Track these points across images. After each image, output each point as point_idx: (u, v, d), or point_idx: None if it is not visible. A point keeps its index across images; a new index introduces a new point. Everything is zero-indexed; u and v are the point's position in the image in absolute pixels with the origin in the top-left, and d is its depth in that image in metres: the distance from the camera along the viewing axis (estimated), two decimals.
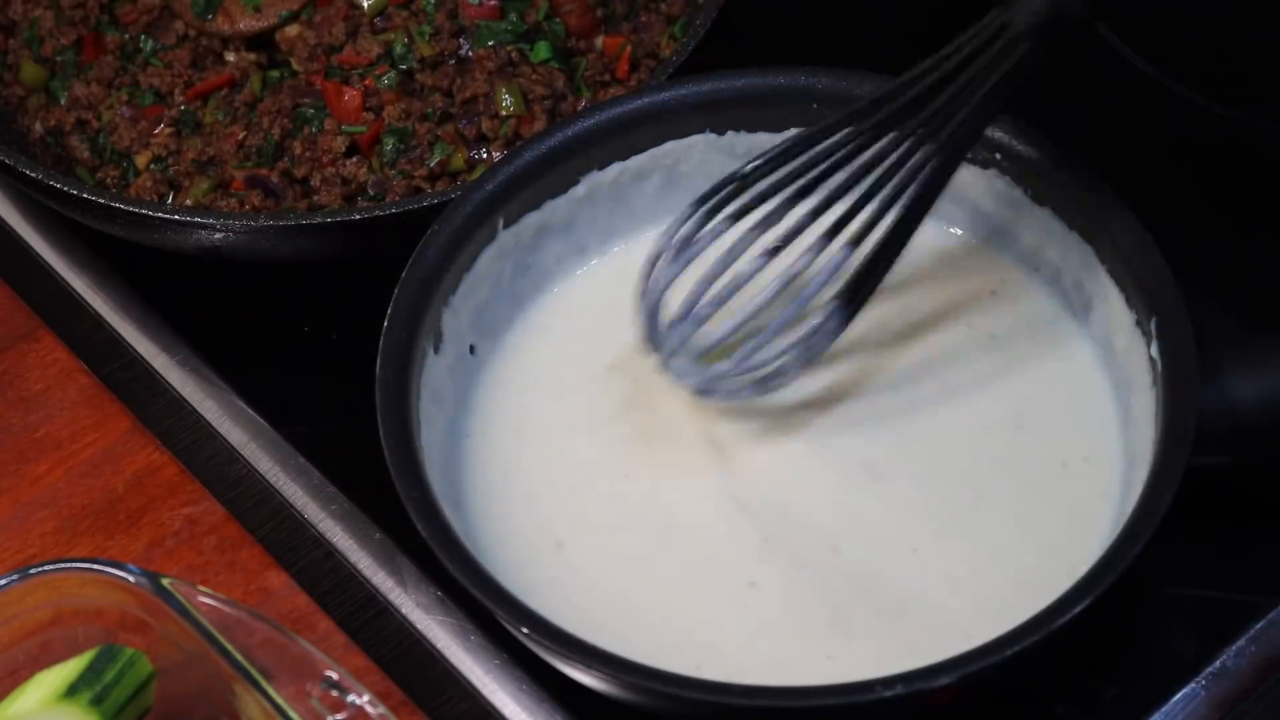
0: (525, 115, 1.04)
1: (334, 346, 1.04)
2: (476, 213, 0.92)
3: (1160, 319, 0.85)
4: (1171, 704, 0.86)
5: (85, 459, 0.99)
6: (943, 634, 0.82)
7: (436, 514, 0.83)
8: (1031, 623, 0.78)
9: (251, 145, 1.05)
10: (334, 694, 0.79)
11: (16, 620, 0.82)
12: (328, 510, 0.95)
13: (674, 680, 0.78)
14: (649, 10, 1.11)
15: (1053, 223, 0.92)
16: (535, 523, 0.88)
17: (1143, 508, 0.80)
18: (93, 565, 0.82)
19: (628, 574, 0.86)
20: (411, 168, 1.03)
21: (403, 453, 0.85)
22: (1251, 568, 0.92)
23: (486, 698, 0.89)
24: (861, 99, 0.86)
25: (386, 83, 1.05)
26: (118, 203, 0.99)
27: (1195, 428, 0.81)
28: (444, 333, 0.91)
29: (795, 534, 0.86)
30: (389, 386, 0.86)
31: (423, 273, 0.90)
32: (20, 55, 1.12)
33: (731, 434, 0.89)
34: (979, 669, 0.77)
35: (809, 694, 0.78)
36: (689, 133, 0.96)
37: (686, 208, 0.86)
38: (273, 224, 0.97)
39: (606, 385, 0.92)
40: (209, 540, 0.95)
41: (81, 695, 0.80)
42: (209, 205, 1.04)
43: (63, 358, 1.04)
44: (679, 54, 1.02)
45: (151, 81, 1.09)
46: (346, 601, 0.93)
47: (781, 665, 0.82)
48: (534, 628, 0.80)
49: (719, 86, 0.96)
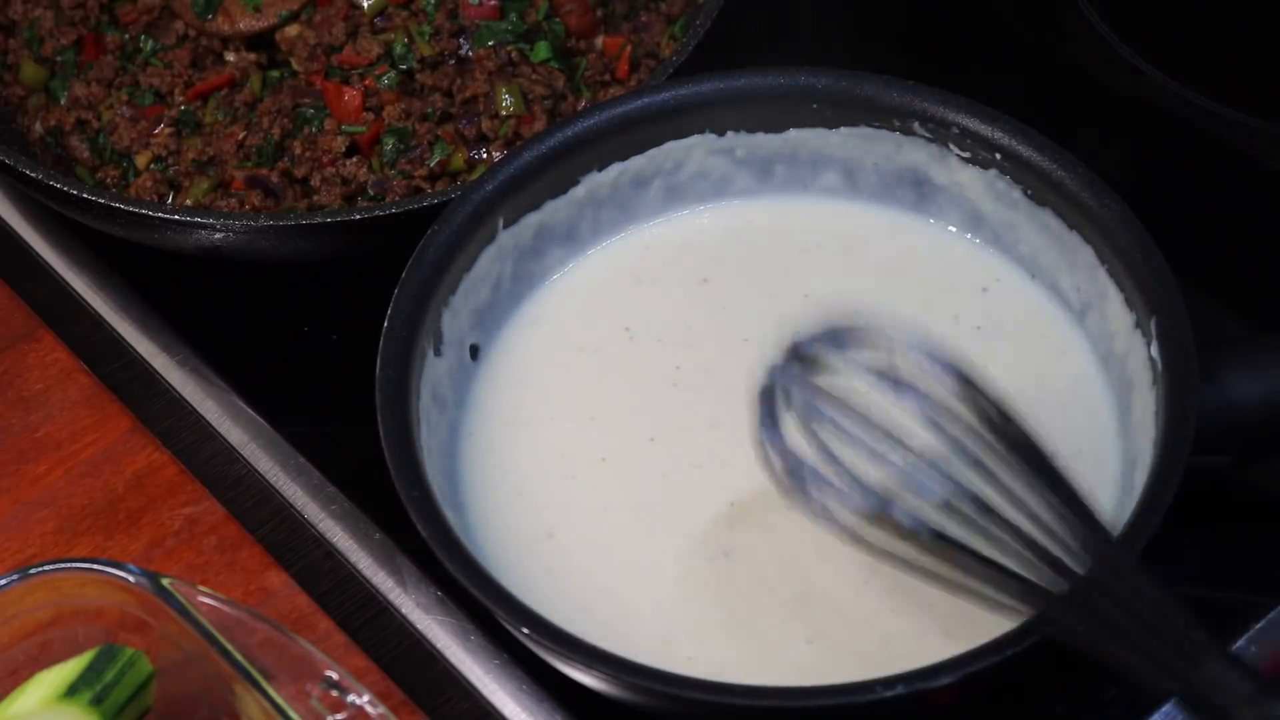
0: (525, 115, 1.04)
1: (334, 346, 1.04)
2: (476, 213, 0.92)
3: (1160, 319, 0.85)
4: (1172, 704, 0.86)
5: (85, 459, 0.99)
6: (927, 630, 0.82)
7: (436, 514, 0.83)
8: (1032, 623, 0.78)
9: (251, 145, 1.05)
10: (334, 694, 0.79)
11: (16, 620, 0.82)
12: (328, 510, 0.95)
13: (674, 680, 0.78)
14: (649, 10, 1.11)
15: (1052, 223, 0.92)
16: (528, 514, 0.89)
17: (1143, 508, 0.80)
18: (93, 565, 0.82)
19: (613, 558, 0.87)
20: (411, 168, 1.03)
21: (403, 453, 0.85)
22: (1251, 568, 0.92)
23: (486, 698, 0.89)
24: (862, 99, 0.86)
25: (386, 83, 1.05)
26: (118, 203, 0.99)
27: (1195, 428, 0.81)
28: (444, 333, 0.91)
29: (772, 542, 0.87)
30: (389, 386, 0.86)
31: (423, 273, 0.90)
32: (20, 55, 1.12)
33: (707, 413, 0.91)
34: (979, 669, 0.77)
35: (809, 694, 0.78)
36: (689, 133, 0.96)
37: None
38: (273, 224, 0.97)
39: (591, 372, 0.93)
40: (209, 540, 0.95)
41: (81, 695, 0.80)
42: (209, 205, 1.04)
43: (63, 358, 1.04)
44: (679, 54, 1.02)
45: (151, 81, 1.09)
46: (346, 601, 0.93)
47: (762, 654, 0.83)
48: (534, 628, 0.80)
49: (719, 86, 0.96)
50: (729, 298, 0.95)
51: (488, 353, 0.94)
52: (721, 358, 0.93)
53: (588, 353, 0.94)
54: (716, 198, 0.98)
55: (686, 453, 0.90)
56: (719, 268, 0.96)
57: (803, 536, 0.86)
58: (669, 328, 0.95)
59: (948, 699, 0.79)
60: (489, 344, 0.94)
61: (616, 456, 0.90)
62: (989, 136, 0.92)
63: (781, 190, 0.97)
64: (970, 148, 0.93)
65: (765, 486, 0.88)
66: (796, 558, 0.86)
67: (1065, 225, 0.91)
